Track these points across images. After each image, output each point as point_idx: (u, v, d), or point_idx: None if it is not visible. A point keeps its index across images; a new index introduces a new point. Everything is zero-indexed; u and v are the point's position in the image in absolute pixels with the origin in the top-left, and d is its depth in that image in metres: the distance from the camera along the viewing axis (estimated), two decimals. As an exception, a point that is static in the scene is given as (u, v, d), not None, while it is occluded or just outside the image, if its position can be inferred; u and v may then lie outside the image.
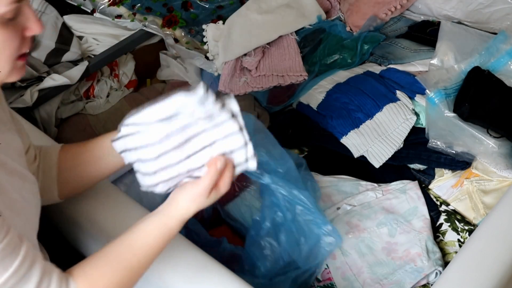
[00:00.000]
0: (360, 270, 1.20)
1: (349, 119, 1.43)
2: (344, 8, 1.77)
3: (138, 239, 0.84)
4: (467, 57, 1.37)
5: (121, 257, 0.83)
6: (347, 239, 1.24)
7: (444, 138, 1.32)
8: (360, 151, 1.38)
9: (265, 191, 1.18)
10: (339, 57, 1.65)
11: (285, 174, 1.16)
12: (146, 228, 0.85)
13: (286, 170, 1.17)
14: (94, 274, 0.81)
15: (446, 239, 1.26)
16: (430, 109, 1.32)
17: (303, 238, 1.15)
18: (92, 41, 1.65)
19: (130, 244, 0.84)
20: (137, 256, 0.84)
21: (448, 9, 1.67)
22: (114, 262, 0.83)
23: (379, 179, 1.36)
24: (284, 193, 1.14)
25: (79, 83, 1.58)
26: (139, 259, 0.84)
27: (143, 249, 0.84)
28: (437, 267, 1.17)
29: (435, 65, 1.41)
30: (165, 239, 0.85)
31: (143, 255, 0.84)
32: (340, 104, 1.47)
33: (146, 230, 0.85)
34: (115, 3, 1.73)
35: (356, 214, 1.28)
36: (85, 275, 0.81)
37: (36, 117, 1.51)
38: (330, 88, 1.52)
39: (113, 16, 1.71)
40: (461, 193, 1.30)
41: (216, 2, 1.77)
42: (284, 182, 1.14)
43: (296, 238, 1.15)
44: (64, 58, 1.57)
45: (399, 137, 1.37)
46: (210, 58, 1.64)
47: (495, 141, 1.25)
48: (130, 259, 0.83)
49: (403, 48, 1.59)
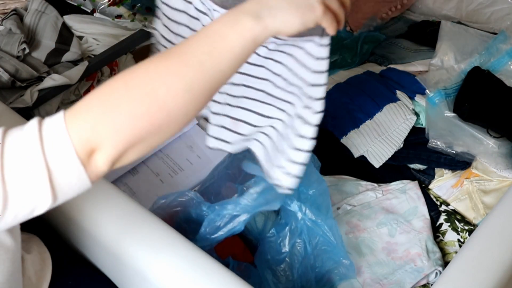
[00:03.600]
0: (360, 270, 1.20)
1: (349, 119, 1.43)
2: (344, 8, 1.77)
3: (190, 39, 0.68)
4: (467, 57, 1.38)
5: (177, 53, 0.67)
6: (347, 239, 1.24)
7: (444, 138, 1.32)
8: (360, 151, 1.38)
9: (285, 211, 1.13)
10: (339, 57, 1.64)
11: (314, 197, 1.12)
12: (214, 24, 0.69)
13: (317, 194, 1.12)
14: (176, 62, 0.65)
15: (446, 239, 1.26)
16: (430, 109, 1.32)
17: (317, 265, 1.13)
18: (92, 41, 1.65)
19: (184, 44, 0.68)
20: (196, 55, 0.66)
21: (448, 9, 1.67)
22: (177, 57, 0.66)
23: (379, 179, 1.36)
24: (308, 223, 1.10)
25: (79, 83, 1.58)
26: (199, 58, 0.66)
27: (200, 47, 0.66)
28: (437, 267, 1.17)
29: (435, 65, 1.41)
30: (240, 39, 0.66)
31: (201, 53, 0.66)
32: (340, 104, 1.47)
33: (200, 31, 0.69)
34: (115, 3, 1.73)
35: (356, 214, 1.28)
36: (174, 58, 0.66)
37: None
38: (330, 88, 1.52)
39: (113, 16, 1.71)
40: (461, 193, 1.30)
41: (216, 2, 1.77)
42: (311, 209, 1.10)
43: (311, 267, 1.13)
44: (64, 58, 1.56)
45: (399, 137, 1.37)
46: (210, 58, 1.64)
47: (495, 141, 1.25)
48: (193, 53, 0.66)
49: (403, 48, 1.59)
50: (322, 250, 1.12)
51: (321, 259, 1.13)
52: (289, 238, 1.14)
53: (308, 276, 1.13)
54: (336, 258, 1.12)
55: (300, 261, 1.14)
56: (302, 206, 1.11)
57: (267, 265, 1.15)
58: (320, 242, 1.12)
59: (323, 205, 1.14)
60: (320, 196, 1.13)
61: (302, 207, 1.11)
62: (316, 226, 1.11)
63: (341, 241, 1.12)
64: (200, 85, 0.66)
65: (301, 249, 1.14)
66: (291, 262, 1.14)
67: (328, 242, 1.11)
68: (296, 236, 1.14)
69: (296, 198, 1.11)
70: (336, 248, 1.11)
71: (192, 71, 0.65)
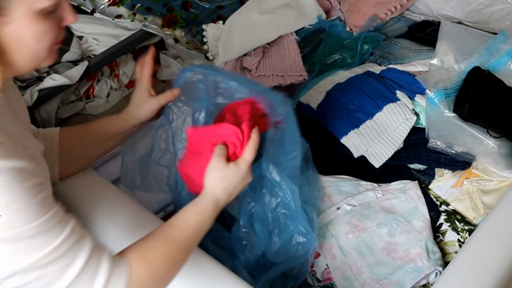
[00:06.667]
0: (360, 270, 1.20)
1: (349, 119, 1.43)
2: (344, 8, 1.77)
3: (180, 218, 0.95)
4: (467, 57, 1.37)
5: (167, 234, 0.92)
6: (347, 239, 1.25)
7: (444, 138, 1.32)
8: (360, 151, 1.38)
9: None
10: (339, 57, 1.65)
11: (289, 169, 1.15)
12: (184, 210, 0.97)
13: (292, 166, 1.16)
14: (144, 248, 0.89)
15: (446, 239, 1.26)
16: (430, 109, 1.32)
17: (276, 231, 1.16)
18: (92, 41, 1.65)
19: (173, 224, 0.94)
20: (181, 232, 0.93)
21: (448, 9, 1.67)
22: (161, 238, 0.91)
23: (379, 179, 1.36)
24: (276, 181, 1.13)
25: (79, 83, 1.58)
26: (182, 234, 0.93)
27: (185, 226, 0.94)
28: (437, 267, 1.17)
29: (435, 65, 1.41)
30: (202, 217, 0.97)
31: (185, 230, 0.94)
32: (340, 104, 1.47)
33: (185, 210, 0.97)
34: (115, 3, 1.74)
35: (356, 214, 1.28)
36: (135, 249, 0.88)
37: (36, 117, 1.51)
38: (330, 88, 1.52)
39: (113, 16, 1.71)
40: (461, 193, 1.30)
41: (216, 2, 1.77)
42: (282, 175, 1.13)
43: (270, 230, 1.16)
44: (64, 58, 1.56)
45: (399, 137, 1.37)
46: (210, 58, 1.64)
47: (495, 141, 1.25)
48: (175, 234, 0.93)
49: (403, 48, 1.59)
50: (281, 213, 1.15)
51: (278, 225, 1.15)
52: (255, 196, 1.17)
53: (267, 244, 1.16)
54: (293, 222, 1.15)
55: (257, 219, 1.16)
56: (270, 165, 1.13)
57: (235, 229, 1.18)
58: (280, 205, 1.15)
59: (292, 171, 1.16)
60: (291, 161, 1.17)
61: (269, 167, 1.13)
62: (279, 188, 1.14)
63: (301, 210, 1.15)
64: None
65: (261, 206, 1.16)
66: (251, 220, 1.17)
67: (287, 206, 1.15)
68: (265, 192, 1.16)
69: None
70: (294, 213, 1.14)
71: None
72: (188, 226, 0.95)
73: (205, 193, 0.99)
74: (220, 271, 1.01)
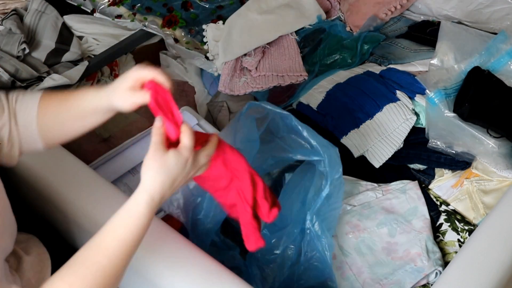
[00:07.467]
0: (360, 270, 1.20)
1: (349, 119, 1.43)
2: (344, 8, 1.77)
3: (107, 236, 0.79)
4: (467, 57, 1.37)
5: (89, 261, 0.78)
6: (347, 239, 1.24)
7: (444, 138, 1.32)
8: (360, 151, 1.38)
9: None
10: (339, 57, 1.65)
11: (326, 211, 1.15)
12: (112, 222, 0.80)
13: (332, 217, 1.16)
14: (70, 279, 0.77)
15: (446, 239, 1.26)
16: (430, 109, 1.32)
17: (303, 277, 1.15)
18: (92, 41, 1.65)
19: (97, 243, 0.79)
20: (107, 255, 0.78)
21: (448, 9, 1.67)
22: (83, 267, 0.78)
23: (379, 179, 1.36)
24: (318, 234, 1.12)
25: (79, 83, 1.58)
26: (109, 258, 0.78)
27: (113, 245, 0.79)
28: (437, 267, 1.17)
29: (435, 65, 1.41)
30: (136, 228, 0.80)
31: (113, 252, 0.78)
32: (340, 104, 1.47)
33: (113, 224, 0.80)
34: (115, 3, 1.73)
35: (356, 214, 1.28)
36: (62, 279, 0.77)
37: (36, 117, 1.50)
38: (330, 88, 1.52)
39: (113, 16, 1.71)
40: (461, 193, 1.30)
41: (216, 2, 1.77)
42: (321, 224, 1.13)
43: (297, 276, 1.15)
44: (64, 58, 1.56)
45: (399, 137, 1.37)
46: (210, 58, 1.64)
47: (495, 141, 1.25)
48: (99, 261, 0.78)
49: (403, 48, 1.59)
50: (314, 265, 1.14)
51: (308, 274, 1.14)
52: (284, 240, 1.15)
53: (291, 284, 1.14)
54: (323, 278, 1.13)
55: (289, 266, 1.15)
56: (314, 217, 1.12)
57: (256, 263, 1.16)
58: (315, 258, 1.13)
59: (331, 222, 1.15)
60: (333, 211, 1.15)
61: (313, 218, 1.12)
62: (318, 241, 1.12)
63: (331, 263, 1.14)
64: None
65: (292, 255, 1.15)
66: (282, 264, 1.15)
67: (322, 260, 1.13)
68: (291, 241, 1.15)
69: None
70: (327, 268, 1.12)
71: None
72: (117, 246, 0.79)
73: (139, 193, 0.82)
74: (220, 271, 1.01)
